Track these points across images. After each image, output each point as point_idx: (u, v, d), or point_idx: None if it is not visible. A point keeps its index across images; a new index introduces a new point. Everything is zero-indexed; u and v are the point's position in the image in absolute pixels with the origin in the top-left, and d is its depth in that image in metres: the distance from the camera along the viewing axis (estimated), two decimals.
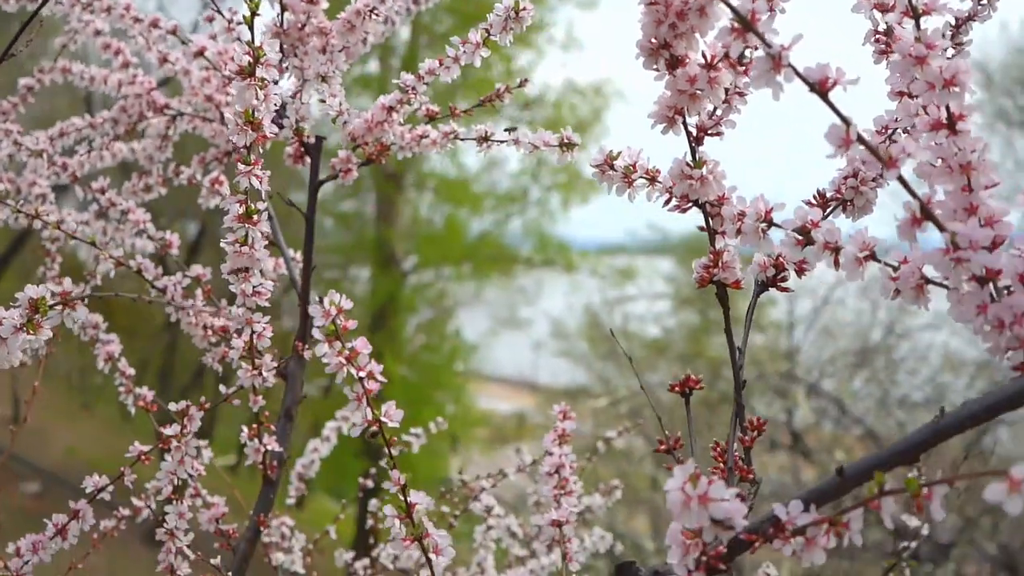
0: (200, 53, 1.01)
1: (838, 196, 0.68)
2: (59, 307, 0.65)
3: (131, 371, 1.08)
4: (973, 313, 0.51)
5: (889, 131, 0.68)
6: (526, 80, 1.01)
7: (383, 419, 0.62)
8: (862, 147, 0.50)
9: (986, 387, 6.83)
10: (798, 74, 0.50)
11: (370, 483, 1.51)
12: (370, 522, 1.41)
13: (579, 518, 1.48)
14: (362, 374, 0.61)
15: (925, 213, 0.51)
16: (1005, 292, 0.52)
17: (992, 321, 0.50)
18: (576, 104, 10.86)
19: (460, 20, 10.80)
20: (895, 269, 0.55)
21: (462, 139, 0.97)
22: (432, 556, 0.64)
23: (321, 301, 0.60)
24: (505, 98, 1.00)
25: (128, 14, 1.08)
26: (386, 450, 0.63)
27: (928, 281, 0.54)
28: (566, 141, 0.83)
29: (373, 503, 1.40)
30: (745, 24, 0.49)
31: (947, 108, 0.53)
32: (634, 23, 0.59)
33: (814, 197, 0.68)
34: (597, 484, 1.57)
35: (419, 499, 0.65)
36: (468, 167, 11.83)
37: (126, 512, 1.14)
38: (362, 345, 0.62)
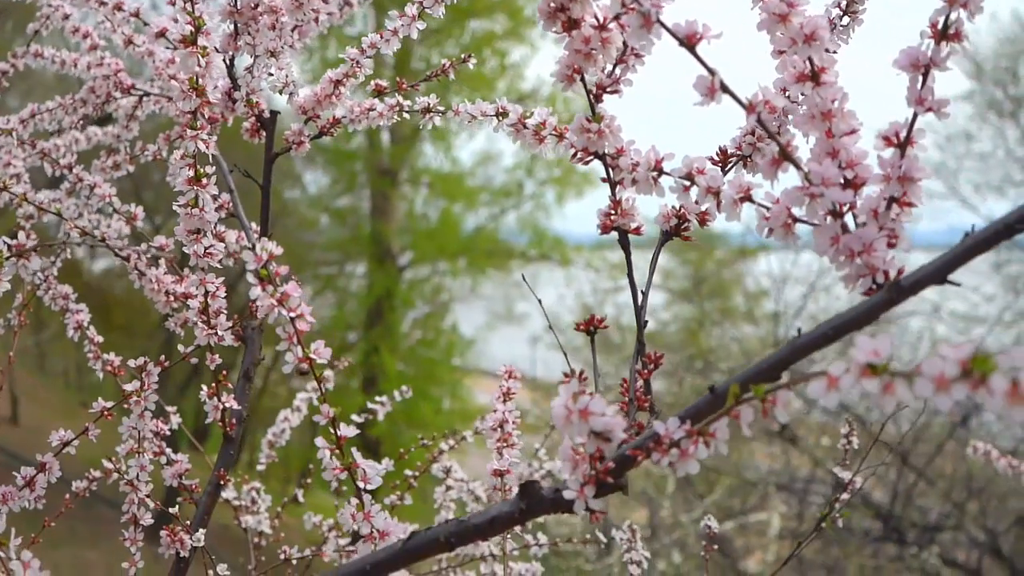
0: (162, 34, 1.06)
1: (738, 152, 0.73)
2: (14, 259, 0.71)
3: (99, 338, 1.13)
4: (828, 244, 0.56)
5: (786, 91, 0.73)
6: (470, 56, 1.06)
7: (312, 356, 0.68)
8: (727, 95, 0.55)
9: None
10: (667, 30, 0.55)
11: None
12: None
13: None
14: (293, 314, 0.67)
15: (784, 155, 0.56)
16: (863, 227, 0.58)
17: (844, 251, 0.55)
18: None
19: (453, 15, 10.87)
20: (768, 210, 0.60)
21: (407, 111, 1.02)
22: (361, 484, 0.70)
23: (253, 248, 0.66)
24: (450, 73, 1.05)
25: None
26: (317, 384, 0.69)
27: (796, 220, 0.59)
28: (501, 111, 0.88)
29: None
30: None
31: (810, 61, 0.58)
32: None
33: (716, 153, 0.74)
34: None
35: (377, 464, 0.71)
36: (462, 162, 11.89)
37: (97, 474, 1.19)
38: (292, 288, 0.67)
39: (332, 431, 0.69)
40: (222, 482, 1.02)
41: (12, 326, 1.20)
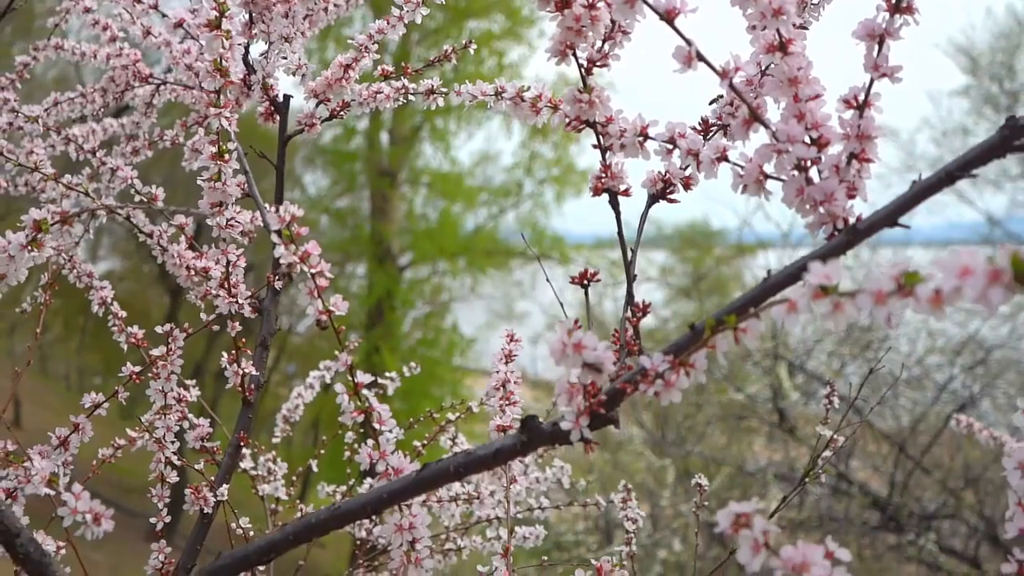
0: (179, 25, 1.12)
1: (719, 121, 0.80)
2: (58, 225, 0.77)
3: (123, 313, 1.19)
4: (794, 195, 0.63)
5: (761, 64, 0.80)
6: (470, 42, 1.13)
7: (332, 308, 0.74)
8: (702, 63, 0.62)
9: (968, 362, 6.98)
10: (649, 5, 0.62)
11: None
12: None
13: (542, 456, 1.60)
14: (314, 271, 0.73)
15: (754, 116, 0.63)
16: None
17: (808, 200, 0.62)
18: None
19: (451, 15, 10.95)
20: (742, 168, 0.67)
21: (412, 94, 1.09)
22: (377, 426, 0.76)
23: (277, 210, 0.72)
24: (452, 58, 1.12)
25: None
26: (335, 336, 0.75)
27: (766, 176, 0.66)
28: (499, 91, 0.95)
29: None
30: None
31: (778, 33, 0.65)
32: None
33: (699, 123, 0.80)
34: (592, 472, 1.66)
35: (390, 424, 0.78)
36: (461, 162, 11.98)
37: (121, 441, 1.26)
38: (313, 247, 0.74)
39: (350, 378, 0.76)
40: (242, 444, 1.09)
41: (39, 304, 1.26)
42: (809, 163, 0.62)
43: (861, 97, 0.64)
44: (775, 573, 0.50)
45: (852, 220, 0.62)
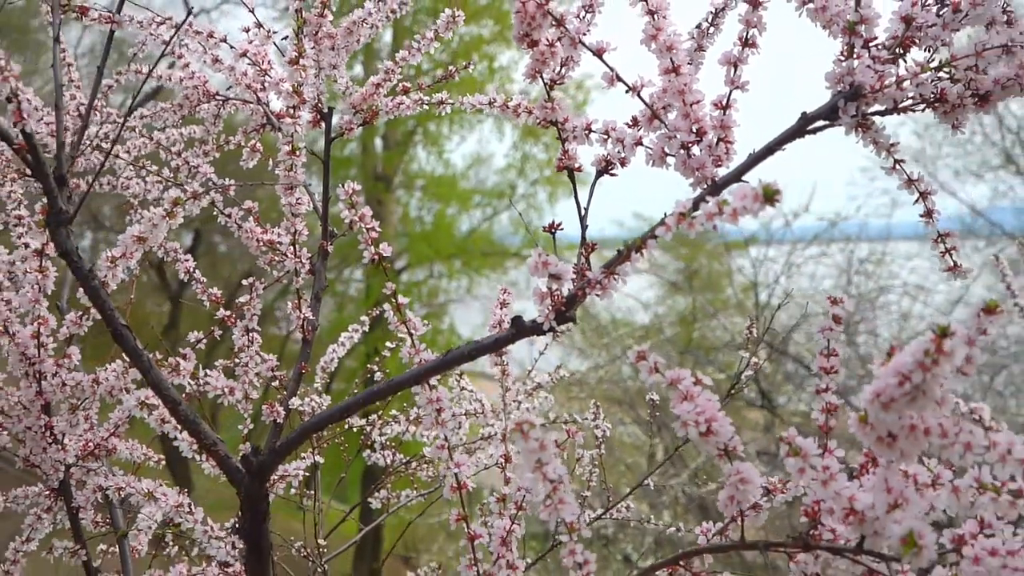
0: (244, 54, 1.48)
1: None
2: (190, 200, 1.12)
3: (204, 279, 1.54)
4: (682, 165, 0.98)
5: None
6: (468, 64, 1.48)
7: (380, 252, 1.09)
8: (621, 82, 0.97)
9: None
10: (585, 46, 0.97)
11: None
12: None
13: (533, 392, 1.95)
14: (368, 226, 1.08)
15: (654, 115, 0.98)
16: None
17: (690, 169, 0.98)
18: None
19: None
20: (651, 149, 1.02)
21: (427, 104, 1.44)
22: (413, 331, 1.11)
23: (343, 185, 1.07)
24: (456, 76, 1.48)
25: (191, 28, 1.55)
26: (384, 272, 1.10)
27: (666, 154, 1.01)
28: (492, 100, 1.30)
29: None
30: (557, 20, 0.97)
31: (671, 60, 1.00)
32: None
33: (631, 119, 1.15)
34: (594, 468, 1.97)
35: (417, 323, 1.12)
36: (455, 165, 12.31)
37: (212, 371, 1.60)
38: (367, 210, 1.09)
39: (394, 300, 1.11)
40: (303, 372, 1.44)
41: (133, 275, 1.61)
42: (691, 144, 0.98)
43: (724, 102, 0.99)
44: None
45: (716, 179, 0.97)
